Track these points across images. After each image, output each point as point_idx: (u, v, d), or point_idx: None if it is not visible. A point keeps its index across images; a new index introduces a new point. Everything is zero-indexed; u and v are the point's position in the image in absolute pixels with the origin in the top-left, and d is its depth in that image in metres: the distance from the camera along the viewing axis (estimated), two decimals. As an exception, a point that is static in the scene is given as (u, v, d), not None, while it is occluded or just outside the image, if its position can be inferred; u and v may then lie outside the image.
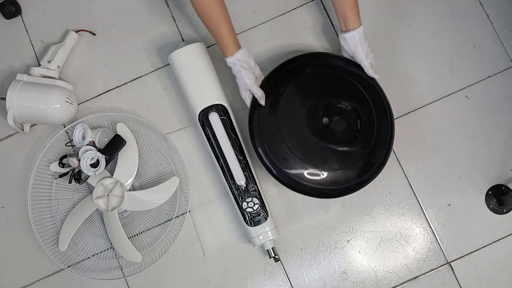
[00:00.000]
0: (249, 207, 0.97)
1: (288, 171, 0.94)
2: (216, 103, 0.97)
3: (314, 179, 0.94)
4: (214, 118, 0.97)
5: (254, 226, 0.97)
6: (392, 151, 1.03)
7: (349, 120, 0.96)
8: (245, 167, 0.98)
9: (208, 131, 0.98)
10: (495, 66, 1.07)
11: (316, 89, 0.97)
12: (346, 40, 0.94)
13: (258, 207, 0.97)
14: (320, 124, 0.95)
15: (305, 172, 0.93)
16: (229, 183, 0.98)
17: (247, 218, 0.97)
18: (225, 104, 0.98)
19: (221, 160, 0.97)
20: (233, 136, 0.98)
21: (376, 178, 1.02)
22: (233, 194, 0.98)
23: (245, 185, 0.97)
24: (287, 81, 0.97)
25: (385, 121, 0.96)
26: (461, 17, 1.08)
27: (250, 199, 0.97)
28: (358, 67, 0.97)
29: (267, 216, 0.97)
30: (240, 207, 0.97)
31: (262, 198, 0.98)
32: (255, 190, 0.98)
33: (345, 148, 0.94)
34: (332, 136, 0.95)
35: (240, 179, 0.97)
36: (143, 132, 1.05)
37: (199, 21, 0.93)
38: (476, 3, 1.08)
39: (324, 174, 0.94)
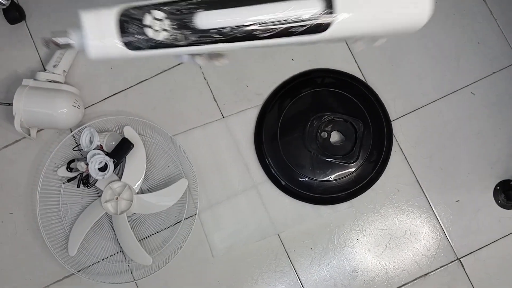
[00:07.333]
0: None
1: (289, 183, 1.03)
2: None
3: (313, 188, 1.03)
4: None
5: None
6: (399, 149, 1.04)
7: (346, 132, 1.04)
8: None
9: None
10: (500, 62, 1.07)
11: (315, 105, 1.05)
12: None
13: None
14: (319, 138, 1.03)
15: (306, 183, 1.03)
16: None
17: None
18: None
19: None
20: None
21: (384, 176, 1.04)
22: None
23: None
24: (288, 99, 1.05)
25: (381, 128, 1.04)
26: (465, 14, 1.08)
27: None
28: (354, 79, 1.06)
29: None
30: None
31: None
32: None
33: (342, 160, 1.03)
34: (331, 148, 1.04)
35: None
36: (150, 134, 1.05)
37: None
38: (480, 0, 1.09)
39: (323, 184, 1.03)
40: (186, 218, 1.02)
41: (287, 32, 0.63)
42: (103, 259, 1.01)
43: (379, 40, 0.68)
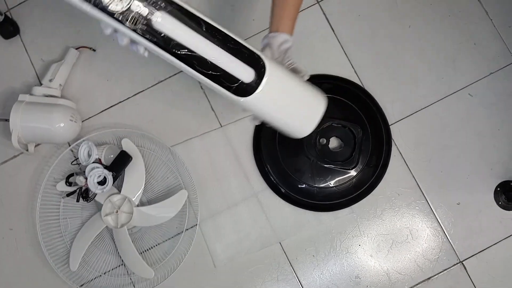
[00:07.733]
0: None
1: (289, 190, 1.03)
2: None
3: (313, 195, 1.03)
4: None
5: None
6: (399, 153, 1.04)
7: (345, 138, 1.04)
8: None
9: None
10: (496, 63, 1.07)
11: None
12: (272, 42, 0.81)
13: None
14: (318, 144, 1.02)
15: (306, 190, 1.03)
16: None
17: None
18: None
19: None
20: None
21: (384, 180, 1.03)
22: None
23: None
24: None
25: (380, 132, 1.04)
26: (460, 15, 1.08)
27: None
28: (350, 84, 1.06)
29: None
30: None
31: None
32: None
33: (342, 166, 1.03)
34: (330, 154, 1.04)
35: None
36: (148, 146, 1.04)
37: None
38: (475, 1, 1.09)
39: (323, 190, 1.03)
40: (187, 229, 1.02)
41: (215, 78, 0.68)
42: (105, 273, 1.01)
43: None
